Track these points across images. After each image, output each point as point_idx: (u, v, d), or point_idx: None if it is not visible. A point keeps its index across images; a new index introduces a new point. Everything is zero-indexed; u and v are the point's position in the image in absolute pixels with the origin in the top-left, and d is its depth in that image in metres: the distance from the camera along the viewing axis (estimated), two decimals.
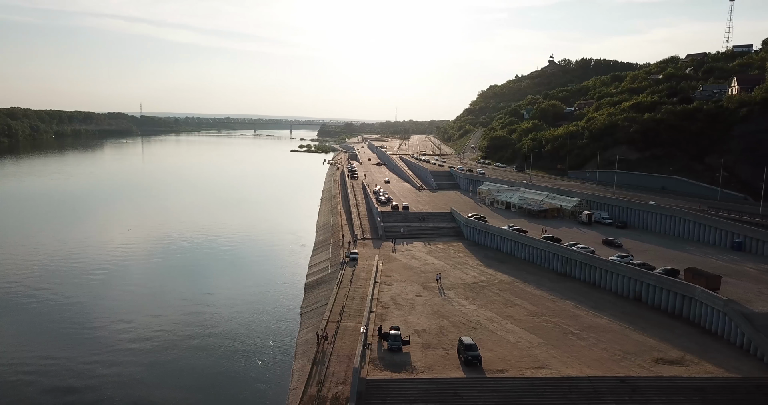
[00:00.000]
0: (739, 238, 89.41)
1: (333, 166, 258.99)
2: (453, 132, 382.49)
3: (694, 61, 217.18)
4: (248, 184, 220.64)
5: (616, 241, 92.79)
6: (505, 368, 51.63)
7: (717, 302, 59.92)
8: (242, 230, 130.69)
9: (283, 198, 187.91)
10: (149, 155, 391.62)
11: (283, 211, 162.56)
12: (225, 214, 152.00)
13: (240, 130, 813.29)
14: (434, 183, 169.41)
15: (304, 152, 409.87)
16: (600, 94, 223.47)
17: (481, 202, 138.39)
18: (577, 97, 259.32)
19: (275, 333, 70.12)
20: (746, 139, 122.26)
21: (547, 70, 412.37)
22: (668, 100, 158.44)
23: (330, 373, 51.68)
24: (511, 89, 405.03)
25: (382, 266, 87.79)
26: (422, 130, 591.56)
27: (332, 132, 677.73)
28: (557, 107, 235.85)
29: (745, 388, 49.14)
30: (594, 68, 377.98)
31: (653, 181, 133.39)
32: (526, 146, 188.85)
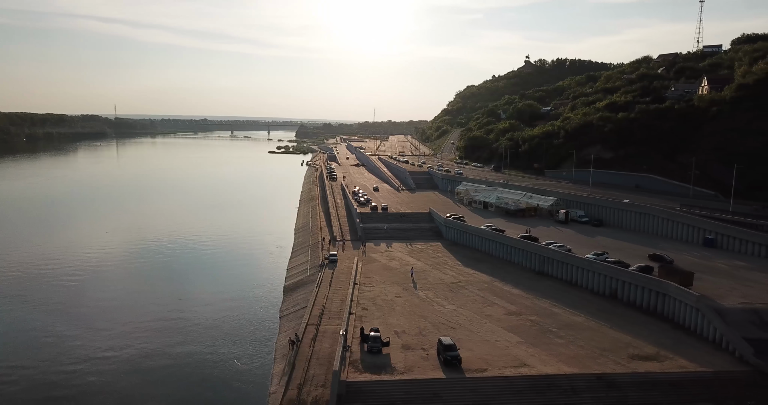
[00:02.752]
0: (711, 235, 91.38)
1: (311, 167, 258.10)
2: (431, 132, 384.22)
3: (666, 61, 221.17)
4: (225, 186, 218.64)
5: (667, 257, 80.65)
6: (484, 368, 52.01)
7: (690, 298, 61.13)
8: (220, 233, 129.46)
9: (261, 200, 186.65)
10: (124, 158, 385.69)
11: (261, 213, 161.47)
12: (202, 216, 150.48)
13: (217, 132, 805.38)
14: (413, 183, 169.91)
15: (282, 153, 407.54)
16: (575, 93, 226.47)
17: (459, 202, 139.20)
18: (553, 96, 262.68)
19: (254, 337, 69.59)
20: (716, 138, 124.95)
21: (524, 71, 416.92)
22: (641, 100, 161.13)
23: (310, 376, 51.50)
24: (488, 89, 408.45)
25: (361, 268, 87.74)
26: (401, 130, 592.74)
27: (310, 133, 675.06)
28: (533, 107, 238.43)
29: (717, 382, 50.27)
30: (569, 68, 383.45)
31: (627, 180, 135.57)
32: (503, 146, 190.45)
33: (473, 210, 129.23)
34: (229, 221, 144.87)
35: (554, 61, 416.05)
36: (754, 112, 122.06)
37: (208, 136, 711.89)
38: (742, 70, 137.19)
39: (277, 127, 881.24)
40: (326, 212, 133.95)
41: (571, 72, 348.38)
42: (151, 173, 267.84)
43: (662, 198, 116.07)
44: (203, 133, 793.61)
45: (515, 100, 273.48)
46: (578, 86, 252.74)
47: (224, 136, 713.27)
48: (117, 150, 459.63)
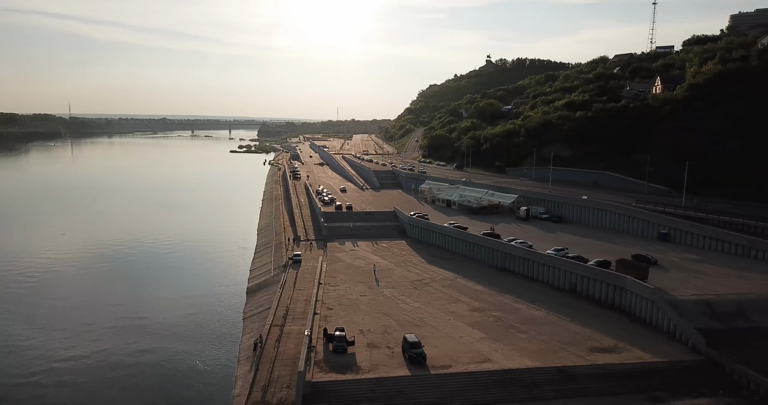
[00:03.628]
0: (665, 230, 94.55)
1: (274, 167, 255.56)
2: (395, 131, 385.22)
3: (622, 62, 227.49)
4: (186, 187, 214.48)
5: (651, 258, 78.79)
6: (449, 364, 52.56)
7: (645, 291, 63.16)
8: (180, 235, 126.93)
9: (223, 200, 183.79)
10: (80, 158, 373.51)
11: (223, 213, 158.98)
12: (162, 218, 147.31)
13: (177, 131, 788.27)
14: (377, 182, 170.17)
15: (243, 152, 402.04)
16: (535, 93, 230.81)
17: (423, 201, 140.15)
18: (514, 95, 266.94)
19: (217, 339, 68.56)
20: (670, 136, 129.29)
21: (485, 70, 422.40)
22: (598, 99, 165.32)
23: (274, 377, 51.10)
24: (451, 88, 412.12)
25: (326, 267, 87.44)
26: (364, 129, 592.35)
27: (273, 132, 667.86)
28: (495, 106, 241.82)
29: (671, 372, 52.09)
30: (529, 68, 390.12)
31: (586, 177, 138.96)
32: (466, 145, 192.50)
33: (437, 208, 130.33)
34: (189, 222, 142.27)
35: (514, 60, 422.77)
36: (704, 111, 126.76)
37: (167, 136, 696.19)
38: (693, 71, 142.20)
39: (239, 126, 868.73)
40: (290, 212, 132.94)
41: (531, 71, 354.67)
42: (109, 174, 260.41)
43: (619, 194, 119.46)
44: (163, 132, 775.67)
45: (477, 99, 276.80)
46: (538, 85, 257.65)
47: (185, 136, 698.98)
48: (72, 150, 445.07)
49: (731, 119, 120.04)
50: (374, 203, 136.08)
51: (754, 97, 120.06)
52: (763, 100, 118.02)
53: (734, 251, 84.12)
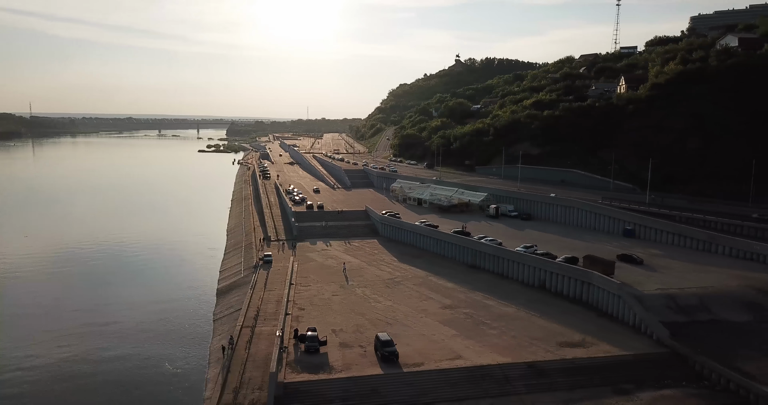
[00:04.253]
0: (630, 226, 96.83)
1: (243, 166, 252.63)
2: (365, 130, 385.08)
3: (587, 62, 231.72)
4: (153, 188, 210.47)
5: (636, 257, 79.10)
6: (421, 362, 52.86)
7: (612, 286, 64.59)
8: (148, 236, 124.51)
9: (191, 201, 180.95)
10: (42, 159, 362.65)
11: (192, 214, 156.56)
12: (129, 220, 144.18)
13: (143, 131, 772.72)
14: (348, 181, 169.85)
15: (212, 152, 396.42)
16: (503, 92, 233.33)
17: (394, 200, 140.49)
18: (483, 95, 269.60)
19: (187, 342, 67.54)
20: (633, 134, 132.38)
21: (454, 69, 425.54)
22: (565, 98, 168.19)
23: (246, 379, 50.59)
24: (421, 88, 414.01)
25: (297, 267, 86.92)
26: (335, 128, 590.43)
27: (242, 131, 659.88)
28: (464, 105, 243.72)
29: (637, 364, 53.42)
30: (498, 67, 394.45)
31: (554, 175, 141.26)
32: (436, 144, 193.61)
33: (408, 207, 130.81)
34: (157, 223, 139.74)
35: (483, 60, 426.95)
36: (667, 109, 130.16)
37: (133, 135, 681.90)
38: (655, 71, 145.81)
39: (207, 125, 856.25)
40: (260, 212, 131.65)
41: (500, 71, 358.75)
42: (73, 175, 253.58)
43: (586, 192, 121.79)
44: (128, 132, 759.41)
45: (447, 98, 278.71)
46: (506, 85, 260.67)
47: (151, 135, 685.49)
48: (33, 150, 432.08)
49: (693, 118, 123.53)
50: (346, 202, 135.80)
51: (713, 96, 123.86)
52: (722, 100, 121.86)
53: (696, 246, 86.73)
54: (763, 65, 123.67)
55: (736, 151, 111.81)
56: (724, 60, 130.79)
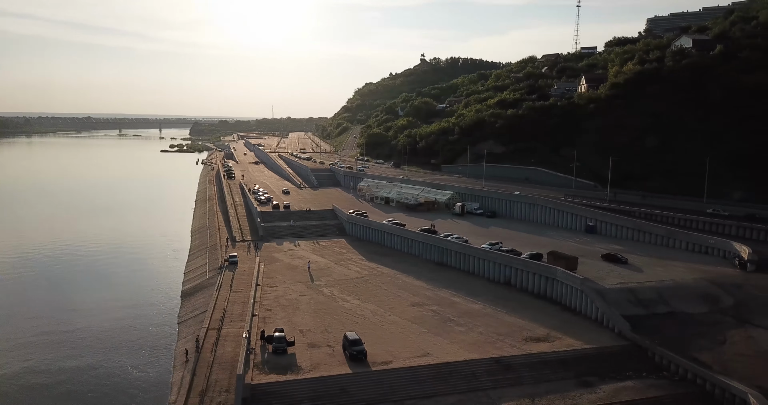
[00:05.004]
0: (592, 222, 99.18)
1: (207, 166, 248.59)
2: (332, 129, 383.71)
3: (549, 61, 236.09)
4: (114, 189, 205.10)
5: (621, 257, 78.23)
6: (389, 360, 53.06)
7: (575, 281, 66.07)
8: (109, 239, 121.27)
9: (154, 201, 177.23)
10: None
11: (155, 215, 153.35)
12: (89, 222, 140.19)
13: (103, 131, 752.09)
14: (315, 181, 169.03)
15: (175, 152, 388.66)
16: (468, 91, 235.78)
17: (361, 199, 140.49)
18: (448, 94, 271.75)
19: (151, 346, 66.14)
20: (594, 133, 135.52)
21: (420, 69, 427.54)
22: (528, 97, 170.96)
23: (212, 381, 49.87)
24: (386, 87, 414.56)
25: (263, 268, 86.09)
26: (301, 127, 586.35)
27: (206, 130, 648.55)
28: (429, 104, 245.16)
29: (600, 357, 54.82)
30: (462, 67, 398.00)
31: (517, 173, 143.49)
32: (402, 143, 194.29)
33: (375, 206, 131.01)
34: (118, 225, 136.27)
35: (448, 59, 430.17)
36: (626, 108, 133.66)
37: (93, 135, 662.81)
38: (615, 70, 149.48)
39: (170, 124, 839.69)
40: (224, 212, 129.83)
41: (464, 70, 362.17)
42: (29, 176, 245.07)
43: (549, 189, 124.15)
44: (88, 131, 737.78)
45: (412, 97, 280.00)
46: (471, 84, 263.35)
47: (112, 135, 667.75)
48: None
49: (650, 116, 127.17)
50: (313, 202, 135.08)
51: (670, 95, 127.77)
52: (678, 99, 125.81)
53: (654, 241, 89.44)
54: (716, 65, 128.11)
55: (691, 148, 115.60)
56: (679, 60, 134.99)
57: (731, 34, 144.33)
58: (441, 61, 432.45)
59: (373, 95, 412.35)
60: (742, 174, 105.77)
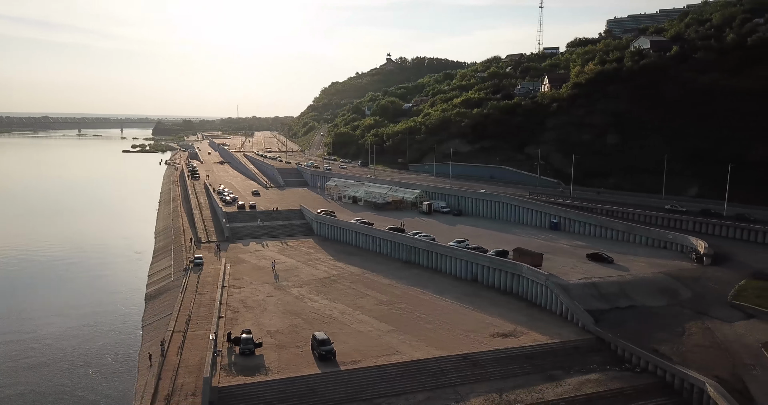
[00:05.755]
0: (555, 219, 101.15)
1: (171, 166, 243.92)
2: (298, 128, 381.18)
3: (513, 61, 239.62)
4: (74, 190, 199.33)
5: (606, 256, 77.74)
6: (358, 359, 53.05)
7: (540, 277, 67.26)
8: (69, 242, 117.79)
9: (116, 203, 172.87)
10: None
11: (117, 217, 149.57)
12: (47, 225, 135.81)
13: (61, 130, 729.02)
14: (282, 180, 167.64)
15: (137, 152, 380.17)
16: (434, 90, 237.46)
17: (329, 198, 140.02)
18: (414, 93, 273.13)
19: (114, 350, 64.58)
20: (557, 131, 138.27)
21: (386, 68, 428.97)
22: (493, 97, 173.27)
23: (178, 385, 48.99)
24: (353, 86, 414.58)
25: (230, 269, 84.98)
26: (266, 126, 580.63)
27: (169, 130, 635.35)
28: (396, 104, 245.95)
29: (565, 351, 55.95)
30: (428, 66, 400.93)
31: (483, 171, 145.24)
32: (369, 142, 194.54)
33: (343, 205, 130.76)
34: (79, 228, 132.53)
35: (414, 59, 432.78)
36: (587, 107, 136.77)
37: (51, 135, 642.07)
38: (576, 70, 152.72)
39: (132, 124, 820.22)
40: (189, 213, 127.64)
41: (430, 70, 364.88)
42: None
43: (514, 187, 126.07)
44: (45, 131, 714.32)
45: (379, 97, 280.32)
46: (436, 84, 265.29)
47: (70, 135, 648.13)
48: None
49: (611, 115, 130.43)
50: (279, 202, 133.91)
51: (629, 94, 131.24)
52: (637, 98, 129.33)
53: (616, 236, 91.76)
54: (673, 66, 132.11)
55: (650, 146, 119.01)
56: (637, 61, 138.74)
57: (686, 36, 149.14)
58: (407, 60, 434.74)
59: (339, 94, 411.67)
60: (698, 170, 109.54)
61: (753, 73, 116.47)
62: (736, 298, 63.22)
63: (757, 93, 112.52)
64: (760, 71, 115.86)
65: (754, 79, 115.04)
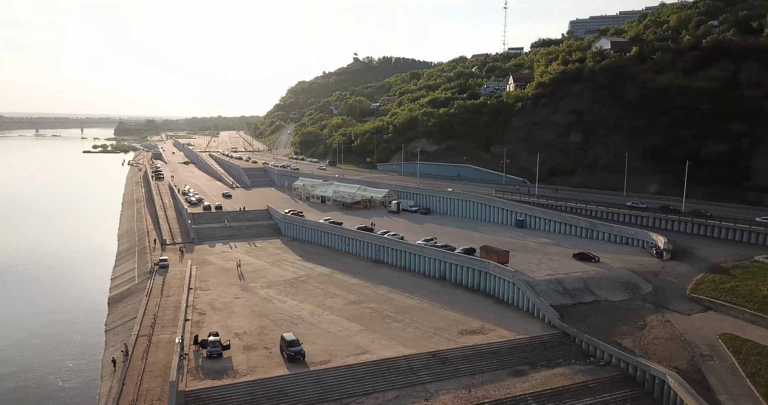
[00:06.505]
0: (521, 217, 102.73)
1: (134, 167, 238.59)
2: (264, 128, 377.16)
3: (479, 61, 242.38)
4: (32, 193, 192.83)
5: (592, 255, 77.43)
6: (328, 359, 52.94)
7: (507, 274, 68.25)
8: (29, 246, 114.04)
9: (77, 205, 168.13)
10: None
11: (78, 220, 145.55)
12: (4, 228, 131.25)
13: (18, 131, 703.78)
14: (248, 180, 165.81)
15: (99, 153, 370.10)
16: (401, 90, 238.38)
17: (297, 198, 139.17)
18: (381, 92, 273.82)
19: (76, 356, 62.95)
20: (522, 130, 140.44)
21: (353, 67, 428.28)
22: (459, 96, 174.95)
23: (144, 390, 48.05)
24: (320, 85, 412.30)
25: (196, 271, 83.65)
26: (232, 126, 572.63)
27: (132, 130, 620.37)
28: (364, 103, 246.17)
29: (531, 346, 56.96)
30: (395, 66, 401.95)
31: (450, 170, 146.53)
32: (337, 141, 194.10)
33: (311, 205, 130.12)
34: (38, 232, 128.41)
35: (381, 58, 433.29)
36: (551, 107, 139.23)
37: (5, 136, 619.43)
38: (540, 70, 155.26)
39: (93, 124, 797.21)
40: (153, 215, 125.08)
41: (396, 69, 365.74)
42: None
43: (480, 186, 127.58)
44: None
45: (346, 96, 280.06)
46: (403, 83, 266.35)
47: (27, 135, 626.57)
48: None
49: (574, 114, 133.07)
50: (246, 202, 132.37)
51: (591, 94, 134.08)
52: (598, 97, 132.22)
53: (579, 233, 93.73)
54: (632, 66, 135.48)
55: (611, 144, 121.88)
56: (599, 61, 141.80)
57: (645, 37, 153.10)
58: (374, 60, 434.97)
59: (306, 93, 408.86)
60: (657, 168, 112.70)
61: (707, 74, 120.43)
62: (694, 292, 65.40)
63: (712, 93, 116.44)
64: (714, 72, 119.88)
65: (709, 80, 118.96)
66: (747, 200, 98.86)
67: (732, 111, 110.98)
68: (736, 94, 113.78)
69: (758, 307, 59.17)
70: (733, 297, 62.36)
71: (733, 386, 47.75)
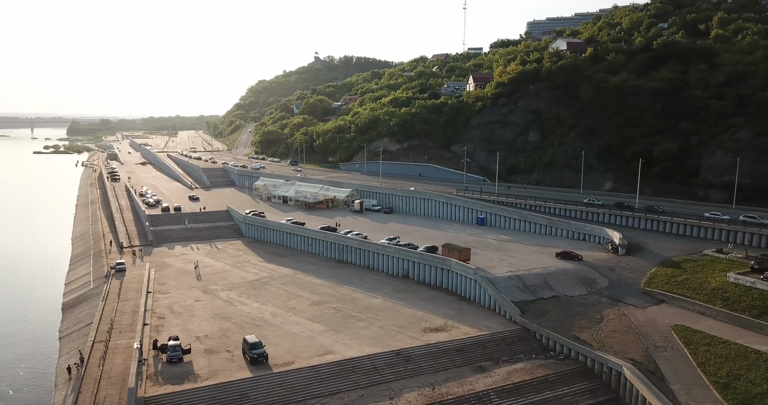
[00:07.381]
0: (482, 215, 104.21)
1: (89, 168, 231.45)
2: (224, 127, 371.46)
3: (439, 61, 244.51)
4: None
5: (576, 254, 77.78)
6: (291, 361, 52.59)
7: (468, 271, 69.18)
8: None
9: (27, 208, 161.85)
10: None
11: (28, 223, 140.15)
12: None
13: None
14: (207, 181, 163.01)
15: (51, 153, 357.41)
16: (363, 89, 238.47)
17: (258, 198, 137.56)
18: (343, 92, 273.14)
19: (29, 364, 60.69)
20: (482, 129, 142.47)
21: (313, 66, 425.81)
22: (420, 96, 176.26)
23: (101, 398, 46.71)
24: (280, 84, 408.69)
25: (154, 274, 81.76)
26: (191, 125, 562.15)
27: (86, 130, 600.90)
28: (325, 102, 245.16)
29: (493, 342, 57.92)
30: (356, 65, 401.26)
31: (412, 169, 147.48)
32: (299, 141, 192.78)
33: (273, 205, 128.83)
34: None
35: (342, 58, 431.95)
36: (510, 106, 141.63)
37: None
38: (499, 70, 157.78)
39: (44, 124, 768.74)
40: (109, 217, 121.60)
41: (358, 68, 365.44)
42: None
43: (442, 184, 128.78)
44: None
45: (307, 95, 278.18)
46: (365, 83, 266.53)
47: None
48: None
49: (532, 113, 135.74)
50: (205, 203, 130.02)
51: (548, 93, 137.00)
52: (555, 97, 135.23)
53: (539, 230, 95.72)
54: (587, 66, 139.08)
55: (567, 143, 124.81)
56: (555, 61, 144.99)
57: (599, 38, 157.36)
58: (335, 59, 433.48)
59: (266, 92, 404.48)
60: (612, 166, 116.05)
61: (658, 75, 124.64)
62: (648, 285, 67.68)
63: (662, 93, 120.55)
64: (665, 73, 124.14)
65: (659, 80, 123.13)
66: (696, 196, 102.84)
67: (681, 110, 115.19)
68: (685, 94, 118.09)
69: (707, 299, 61.69)
70: (684, 290, 64.82)
71: (685, 375, 49.67)
